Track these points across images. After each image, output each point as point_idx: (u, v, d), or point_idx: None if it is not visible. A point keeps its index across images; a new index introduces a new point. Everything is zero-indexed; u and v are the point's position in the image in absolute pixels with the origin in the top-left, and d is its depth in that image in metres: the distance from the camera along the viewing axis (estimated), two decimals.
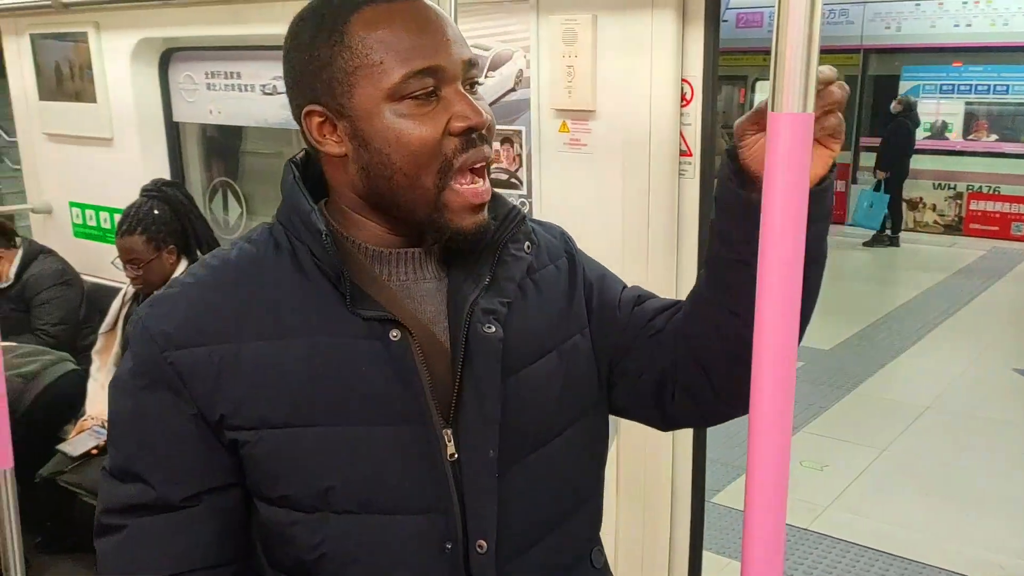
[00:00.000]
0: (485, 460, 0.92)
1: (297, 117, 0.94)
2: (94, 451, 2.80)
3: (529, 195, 2.41)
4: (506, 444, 0.94)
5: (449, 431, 0.92)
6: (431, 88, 0.89)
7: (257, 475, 0.92)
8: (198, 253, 2.83)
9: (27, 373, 3.02)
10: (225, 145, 4.08)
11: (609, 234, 2.26)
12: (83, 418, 2.95)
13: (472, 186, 0.91)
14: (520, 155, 2.40)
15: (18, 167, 4.65)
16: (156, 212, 2.78)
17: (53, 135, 3.61)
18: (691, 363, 1.03)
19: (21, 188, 4.32)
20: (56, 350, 3.23)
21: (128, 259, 2.73)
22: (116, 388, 0.93)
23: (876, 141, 9.48)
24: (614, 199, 2.24)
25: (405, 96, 0.88)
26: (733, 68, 10.48)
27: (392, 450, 0.90)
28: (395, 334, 0.91)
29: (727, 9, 8.80)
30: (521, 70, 2.32)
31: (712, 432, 2.08)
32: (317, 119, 0.92)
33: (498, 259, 0.99)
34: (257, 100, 3.12)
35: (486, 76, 2.36)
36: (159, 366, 0.89)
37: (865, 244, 9.20)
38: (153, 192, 2.89)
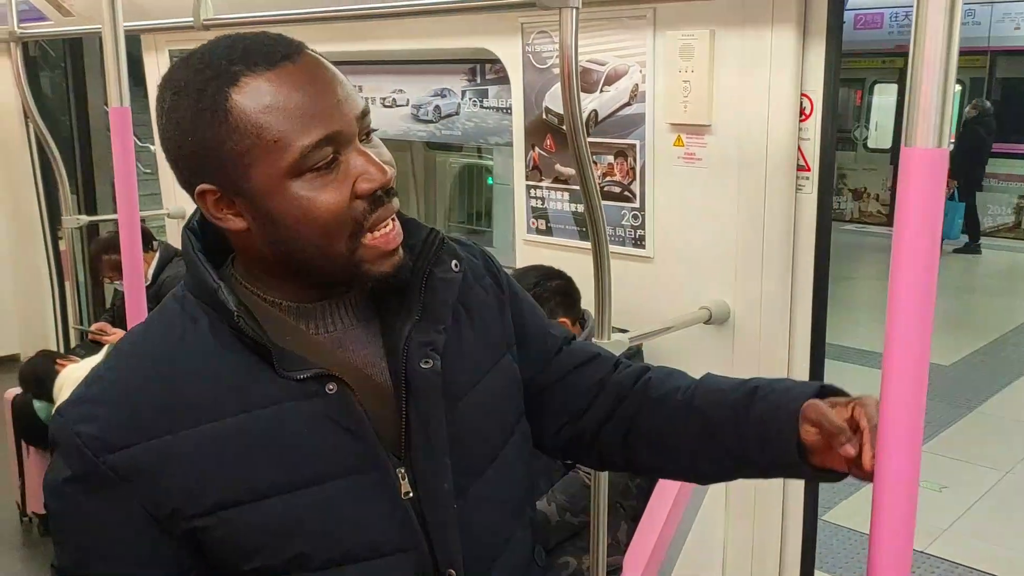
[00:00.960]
0: (441, 493, 0.94)
1: (188, 192, 0.90)
2: None
3: (642, 208, 2.42)
4: (457, 472, 0.95)
5: (402, 469, 0.93)
6: (331, 156, 0.85)
7: (223, 555, 0.89)
8: None
9: None
10: None
11: (722, 249, 2.26)
12: None
13: (383, 233, 0.89)
14: (634, 168, 2.42)
15: (148, 171, 4.95)
16: None
17: None
18: (616, 431, 1.11)
19: (152, 192, 4.61)
20: None
21: None
22: (54, 494, 0.88)
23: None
24: (728, 214, 2.24)
25: (306, 170, 0.84)
26: (849, 71, 10.17)
27: (351, 501, 0.90)
28: (331, 387, 0.89)
29: (845, 10, 8.54)
30: (636, 84, 2.34)
31: None
32: (212, 197, 0.88)
33: (426, 286, 0.96)
34: (377, 112, 3.24)
35: (601, 90, 2.40)
36: (96, 470, 0.85)
37: (956, 251, 8.85)
38: None
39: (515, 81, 2.60)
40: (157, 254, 3.61)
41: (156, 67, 3.84)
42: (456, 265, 0.99)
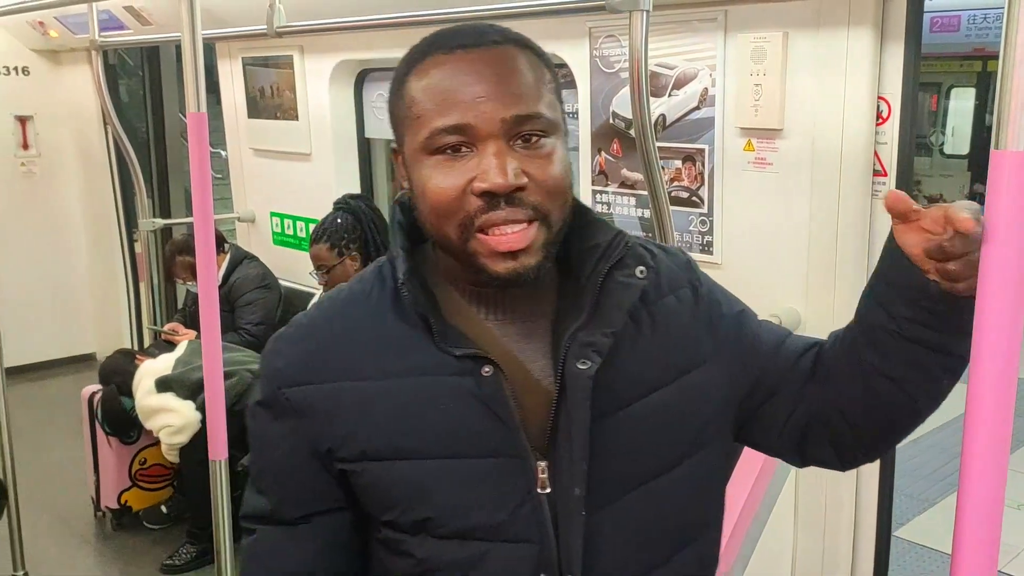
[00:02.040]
0: (571, 498, 0.93)
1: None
2: None
3: (710, 214, 2.39)
4: (598, 483, 0.94)
5: (543, 464, 0.94)
6: (459, 143, 0.88)
7: (365, 500, 0.98)
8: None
9: (255, 371, 3.31)
10: None
11: (793, 256, 2.21)
12: None
13: (498, 236, 0.89)
14: (702, 173, 2.38)
15: (219, 175, 5.07)
16: (339, 221, 3.03)
17: (259, 150, 3.91)
18: (834, 411, 1.01)
19: (222, 196, 4.73)
20: (253, 348, 3.51)
21: (317, 265, 3.00)
22: (249, 413, 1.02)
23: None
24: (800, 220, 2.19)
25: (435, 150, 0.89)
26: (926, 75, 9.89)
27: (484, 482, 0.93)
28: (487, 370, 0.92)
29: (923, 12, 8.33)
30: (706, 88, 2.31)
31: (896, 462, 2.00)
32: (396, 157, 0.98)
33: (602, 288, 0.95)
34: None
35: (669, 94, 2.37)
36: (278, 400, 0.97)
37: None
38: (340, 204, 3.13)
39: (582, 85, 2.59)
40: (228, 256, 3.69)
41: (230, 74, 3.94)
42: (641, 271, 0.97)
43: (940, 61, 9.38)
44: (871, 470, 2.20)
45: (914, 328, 0.92)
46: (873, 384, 0.96)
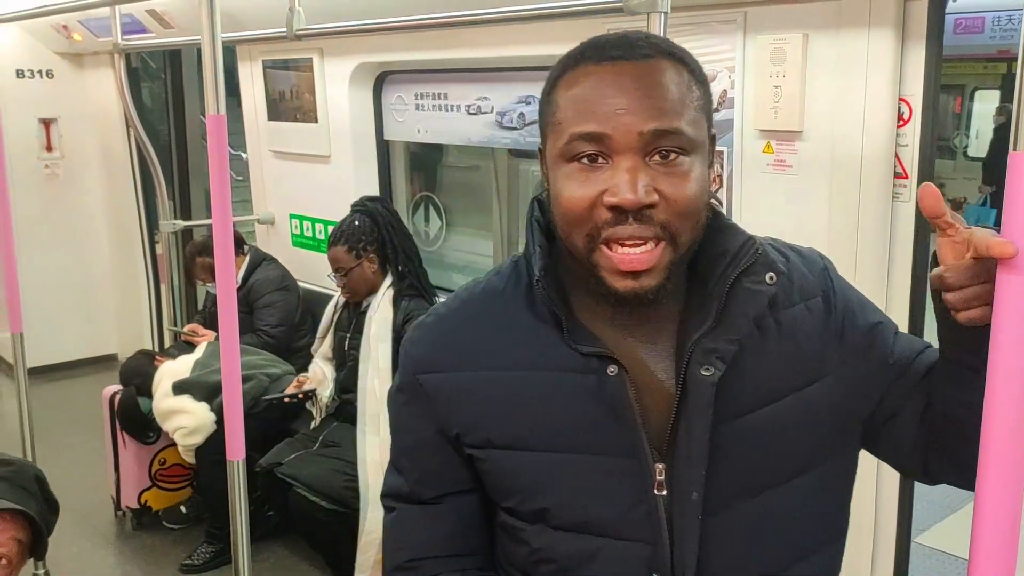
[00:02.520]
0: (688, 502, 0.94)
1: None
2: (286, 399, 3.17)
3: (729, 216, 2.37)
4: (715, 488, 0.94)
5: (661, 466, 0.95)
6: (596, 153, 0.90)
7: (488, 485, 1.02)
8: (399, 263, 3.04)
9: (272, 374, 3.33)
10: (427, 160, 4.30)
11: None
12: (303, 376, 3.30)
13: (620, 254, 0.90)
14: (721, 175, 2.37)
15: (240, 178, 5.11)
16: (357, 224, 3.03)
17: (278, 152, 3.93)
18: (944, 430, 1.00)
19: (242, 198, 4.76)
20: (272, 350, 3.53)
21: (335, 268, 3.01)
22: (389, 399, 1.08)
23: None
24: (819, 222, 2.17)
25: (572, 157, 0.91)
26: (949, 77, 9.81)
27: (602, 479, 0.95)
28: (612, 370, 0.94)
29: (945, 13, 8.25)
30: (724, 90, 2.29)
31: None
32: (543, 158, 0.99)
33: (729, 294, 0.95)
34: (462, 119, 3.27)
35: None
36: (413, 385, 1.03)
37: None
38: (358, 207, 3.14)
39: None
40: (247, 258, 3.71)
41: (251, 77, 3.96)
42: (771, 278, 0.96)
43: (964, 63, 9.30)
44: (892, 474, 2.18)
45: (952, 349, 0.94)
46: (947, 407, 0.98)
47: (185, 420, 3.21)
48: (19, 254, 5.28)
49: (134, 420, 3.45)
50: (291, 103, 3.73)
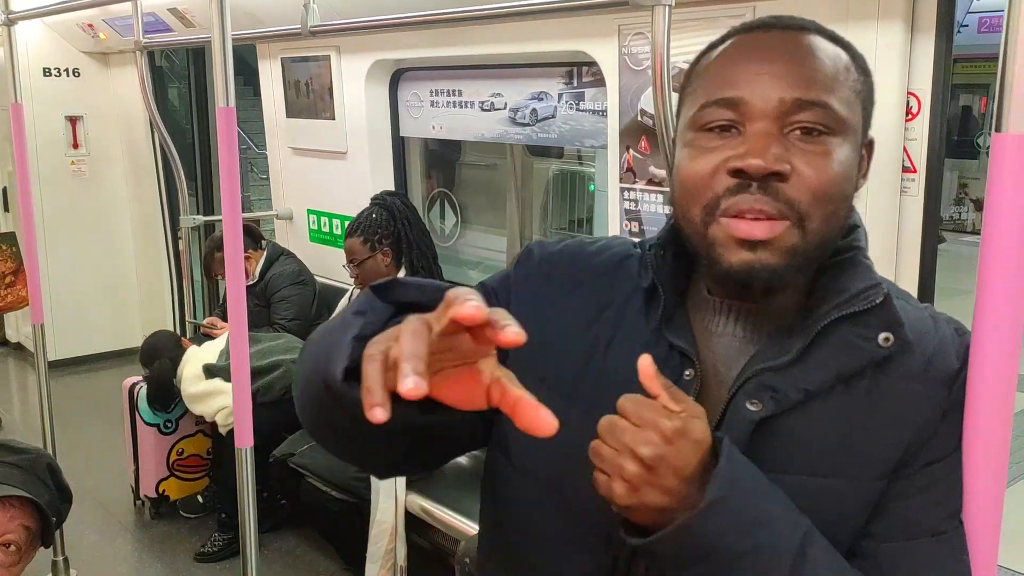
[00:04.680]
0: None
1: None
2: None
3: None
4: None
5: None
6: (729, 121, 0.82)
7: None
8: (413, 258, 3.08)
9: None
10: (444, 158, 4.32)
11: None
12: None
13: (738, 220, 0.81)
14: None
15: (265, 176, 5.17)
16: (374, 216, 3.08)
17: (297, 149, 3.97)
18: None
19: (266, 196, 4.81)
20: None
21: (349, 259, 3.05)
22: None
23: None
24: None
25: (702, 126, 0.83)
26: (973, 76, 9.68)
27: None
28: (688, 374, 0.86)
29: (968, 13, 8.15)
30: None
31: None
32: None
33: (821, 336, 0.83)
34: (476, 115, 3.28)
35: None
36: (522, 257, 1.00)
37: None
38: (377, 200, 3.18)
39: (611, 83, 2.59)
40: (264, 252, 3.75)
41: (270, 74, 4.00)
42: (886, 339, 0.83)
43: (989, 62, 9.18)
44: None
45: None
46: None
47: (227, 400, 3.22)
48: (46, 249, 5.40)
49: (168, 393, 3.46)
50: (309, 100, 3.77)
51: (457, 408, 0.71)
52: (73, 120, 5.24)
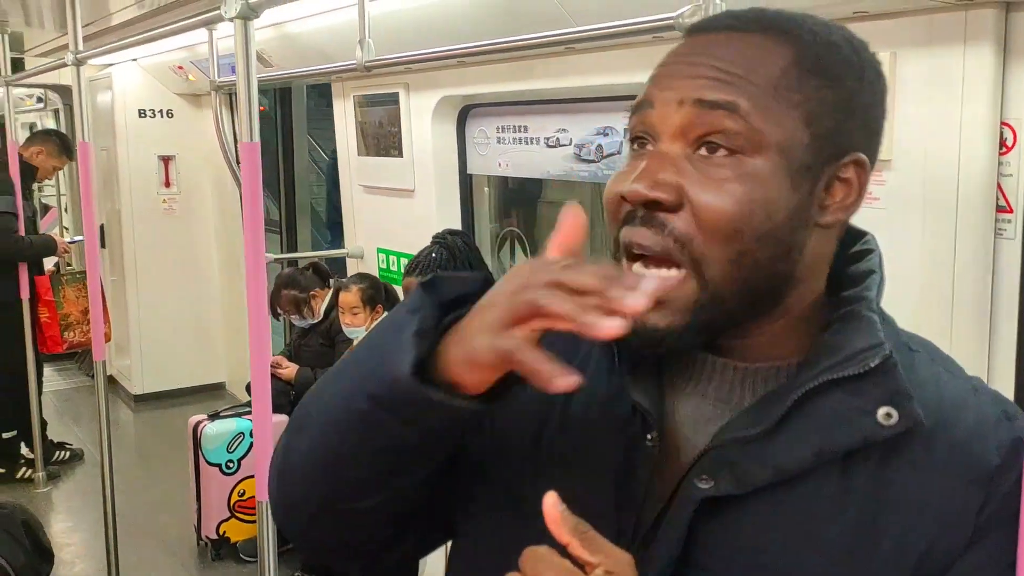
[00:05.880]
0: None
1: None
2: None
3: None
4: None
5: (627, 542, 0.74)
6: (642, 134, 0.72)
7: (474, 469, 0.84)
8: None
9: None
10: (523, 195, 4.22)
11: (902, 304, 1.94)
12: None
13: (628, 267, 0.70)
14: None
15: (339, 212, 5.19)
16: (434, 256, 2.97)
17: (367, 186, 3.94)
18: None
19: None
20: None
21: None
22: None
23: None
24: (911, 261, 1.93)
25: (631, 139, 0.74)
26: None
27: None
28: (651, 440, 0.73)
29: None
30: None
31: None
32: None
33: (805, 402, 0.69)
34: (541, 152, 3.17)
35: None
36: None
37: None
38: (438, 239, 3.08)
39: None
40: (330, 291, 3.71)
41: (343, 112, 4.00)
42: (887, 415, 0.66)
43: None
44: None
45: None
46: None
47: None
48: (137, 285, 5.56)
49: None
50: (379, 138, 3.74)
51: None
52: (166, 159, 5.40)
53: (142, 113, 5.30)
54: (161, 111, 5.35)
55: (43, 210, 8.27)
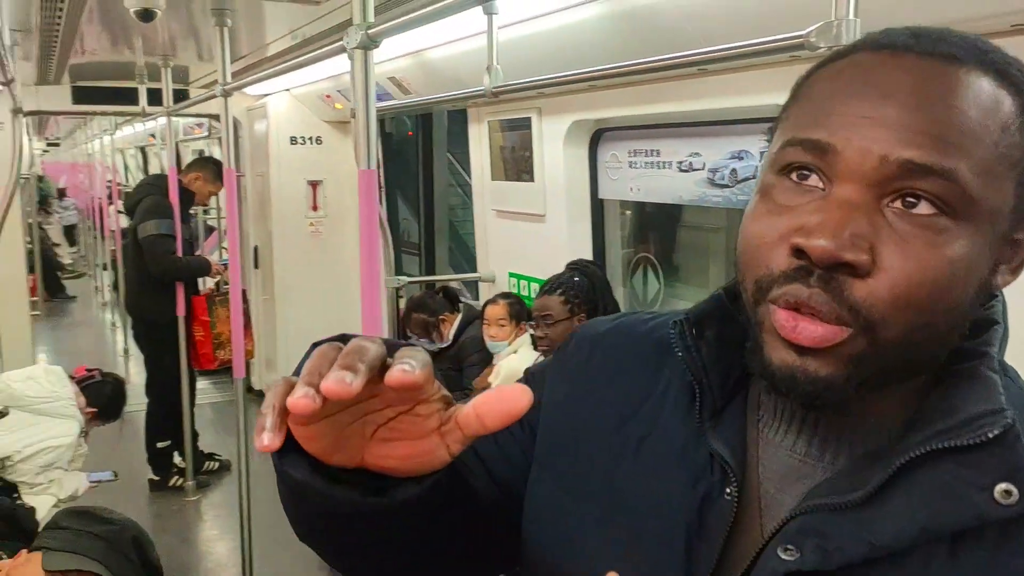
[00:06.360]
0: None
1: None
2: None
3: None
4: None
5: None
6: (812, 167, 0.61)
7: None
8: None
9: None
10: (660, 220, 4.11)
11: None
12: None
13: (783, 315, 0.61)
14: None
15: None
16: (577, 280, 2.94)
17: (500, 211, 3.96)
18: None
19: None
20: None
21: (542, 315, 2.89)
22: None
23: None
24: None
25: (781, 168, 0.63)
26: None
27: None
28: (730, 493, 0.67)
29: None
30: None
31: None
32: None
33: (910, 471, 0.60)
34: (673, 177, 3.07)
35: None
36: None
37: None
38: (577, 266, 3.05)
39: None
40: (460, 316, 3.73)
41: (478, 137, 4.04)
42: (1006, 493, 0.58)
43: None
44: None
45: None
46: None
47: None
48: (285, 304, 5.81)
49: None
50: (511, 162, 3.75)
51: (409, 468, 0.63)
52: (313, 184, 5.63)
53: (293, 140, 5.55)
54: (311, 138, 5.59)
55: (207, 232, 8.83)
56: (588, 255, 3.49)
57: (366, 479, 0.63)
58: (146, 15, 2.61)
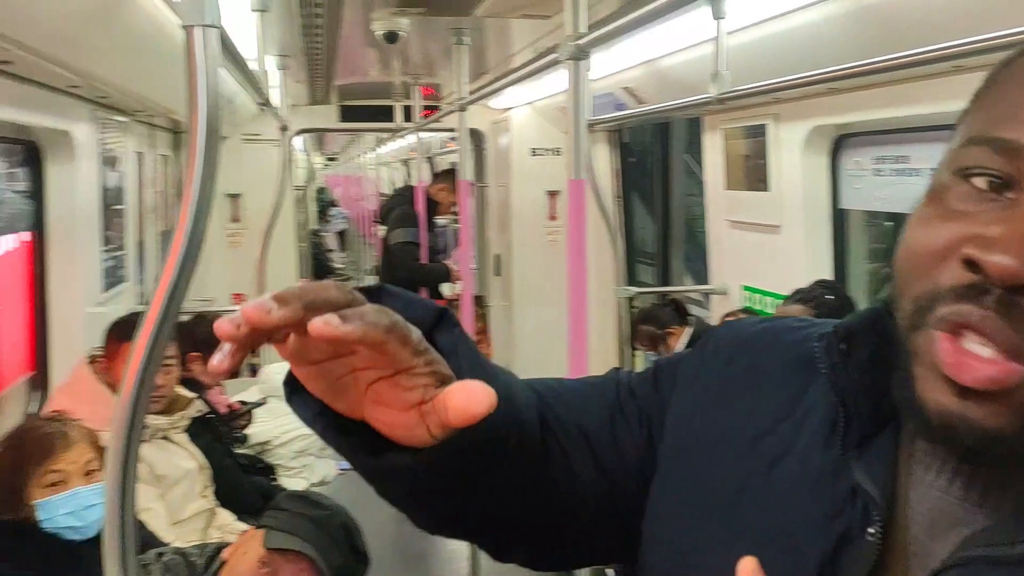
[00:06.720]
0: None
1: None
2: None
3: None
4: None
5: None
6: (1000, 174, 0.53)
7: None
8: None
9: None
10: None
11: None
12: None
13: (952, 347, 0.52)
14: None
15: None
16: (828, 297, 2.82)
17: (732, 221, 3.82)
18: None
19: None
20: None
21: None
22: None
23: None
24: None
25: (959, 170, 0.56)
26: None
27: None
28: (872, 535, 0.59)
29: None
30: None
31: None
32: None
33: None
34: (922, 185, 2.80)
35: None
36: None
37: None
38: (826, 285, 2.90)
39: None
40: (687, 330, 3.65)
41: (712, 146, 3.93)
42: None
43: None
44: None
45: None
46: None
47: None
48: (522, 310, 5.98)
49: None
50: (745, 171, 3.61)
51: (396, 437, 0.59)
52: (552, 194, 5.75)
53: (534, 152, 5.70)
54: (550, 149, 5.71)
55: (457, 240, 9.32)
56: (827, 268, 3.28)
57: (374, 437, 0.61)
58: (390, 36, 2.80)
